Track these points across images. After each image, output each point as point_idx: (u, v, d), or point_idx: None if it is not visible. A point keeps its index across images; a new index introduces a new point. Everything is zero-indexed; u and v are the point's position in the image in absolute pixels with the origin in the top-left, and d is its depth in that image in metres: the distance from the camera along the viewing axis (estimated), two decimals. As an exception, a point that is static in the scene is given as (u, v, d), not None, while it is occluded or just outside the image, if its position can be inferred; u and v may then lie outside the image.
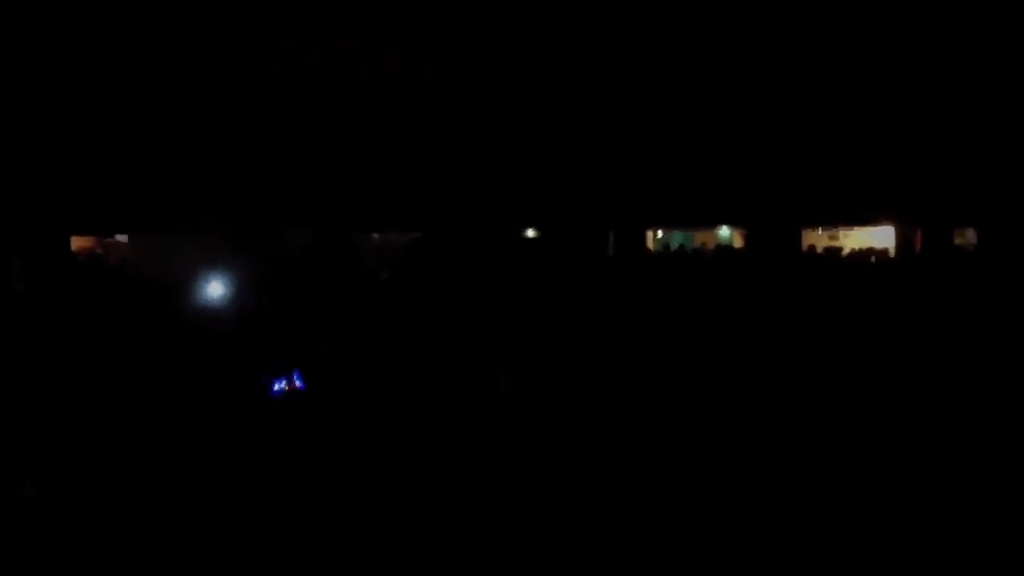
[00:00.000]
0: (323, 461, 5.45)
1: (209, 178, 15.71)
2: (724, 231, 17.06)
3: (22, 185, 14.13)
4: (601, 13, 15.11)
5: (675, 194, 15.25)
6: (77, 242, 17.49)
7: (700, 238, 16.74)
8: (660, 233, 17.09)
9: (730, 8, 14.78)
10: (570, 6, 15.13)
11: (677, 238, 15.81)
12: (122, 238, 18.66)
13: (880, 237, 16.43)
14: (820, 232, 16.92)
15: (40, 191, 14.34)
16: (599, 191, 15.25)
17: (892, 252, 15.71)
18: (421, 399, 7.04)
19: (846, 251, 15.37)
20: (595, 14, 15.10)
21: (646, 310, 10.12)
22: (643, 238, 15.97)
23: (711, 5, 14.72)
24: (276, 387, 6.21)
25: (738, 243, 16.50)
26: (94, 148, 15.17)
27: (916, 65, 14.69)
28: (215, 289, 9.31)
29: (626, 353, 8.69)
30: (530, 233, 16.10)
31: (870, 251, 14.27)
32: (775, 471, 5.37)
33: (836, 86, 15.12)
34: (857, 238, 16.81)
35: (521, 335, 9.05)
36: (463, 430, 6.31)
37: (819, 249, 15.69)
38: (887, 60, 14.86)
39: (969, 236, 16.56)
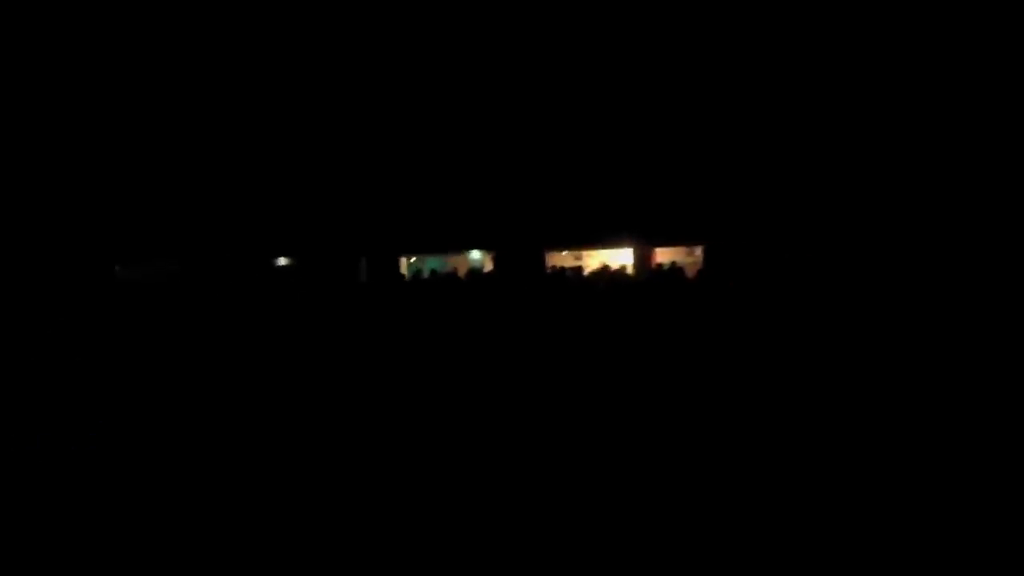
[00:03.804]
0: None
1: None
2: (475, 255, 17.71)
3: None
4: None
5: (425, 221, 15.76)
6: None
7: (453, 262, 17.32)
8: (413, 259, 17.49)
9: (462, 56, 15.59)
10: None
11: (430, 263, 16.25)
12: None
13: (619, 257, 17.79)
14: (565, 254, 18.03)
15: None
16: (351, 219, 15.44)
17: (630, 269, 17.09)
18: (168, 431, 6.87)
19: (588, 270, 16.46)
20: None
21: (408, 334, 10.38)
22: (396, 264, 16.32)
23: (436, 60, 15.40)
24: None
25: (489, 267, 17.22)
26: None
27: (649, 104, 16.17)
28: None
29: (392, 373, 8.91)
30: (283, 261, 15.98)
31: (606, 268, 15.38)
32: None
33: (575, 122, 16.31)
34: (599, 258, 18.08)
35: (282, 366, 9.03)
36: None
37: (567, 269, 16.68)
38: (623, 101, 16.24)
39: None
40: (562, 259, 17.94)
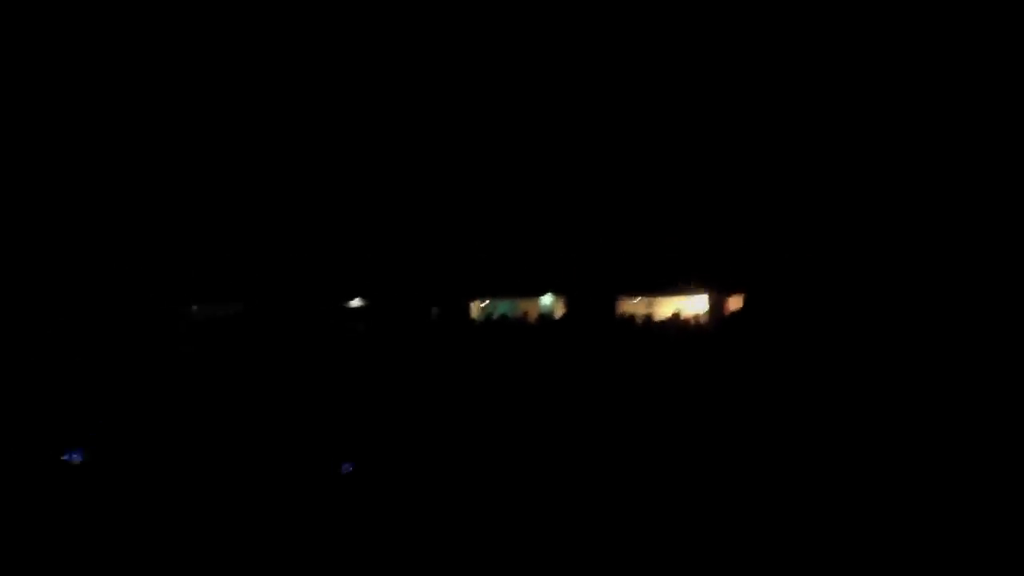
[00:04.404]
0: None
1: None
2: (546, 300, 17.74)
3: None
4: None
5: (497, 265, 15.94)
6: None
7: (524, 307, 17.38)
8: (486, 302, 17.62)
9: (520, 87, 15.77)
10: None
11: (501, 308, 16.37)
12: None
13: (692, 304, 17.61)
14: (637, 300, 17.91)
15: None
16: (422, 261, 15.72)
17: (703, 317, 16.88)
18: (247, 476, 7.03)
19: (659, 317, 16.33)
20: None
21: (474, 378, 10.45)
22: (467, 308, 16.50)
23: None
24: (70, 456, 6.17)
25: (560, 312, 17.21)
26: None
27: (726, 154, 16.06)
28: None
29: (461, 418, 8.96)
30: (356, 303, 16.32)
31: (677, 316, 15.25)
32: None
33: (650, 170, 16.31)
34: (671, 305, 17.91)
35: (358, 408, 9.18)
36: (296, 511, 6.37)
37: (638, 316, 16.59)
38: (699, 151, 16.18)
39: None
40: (634, 306, 17.86)
